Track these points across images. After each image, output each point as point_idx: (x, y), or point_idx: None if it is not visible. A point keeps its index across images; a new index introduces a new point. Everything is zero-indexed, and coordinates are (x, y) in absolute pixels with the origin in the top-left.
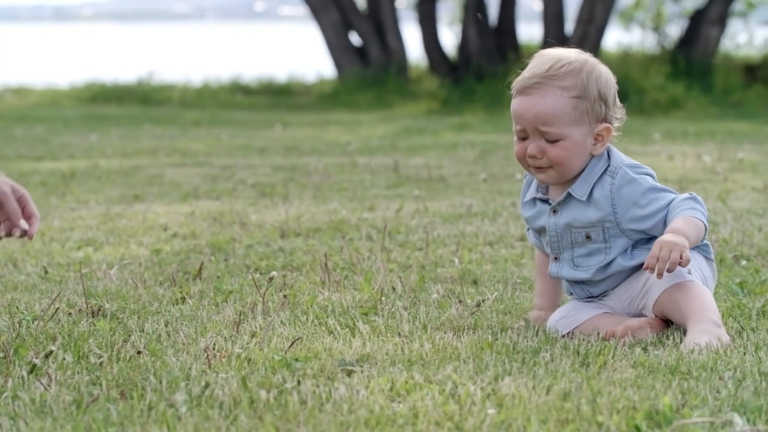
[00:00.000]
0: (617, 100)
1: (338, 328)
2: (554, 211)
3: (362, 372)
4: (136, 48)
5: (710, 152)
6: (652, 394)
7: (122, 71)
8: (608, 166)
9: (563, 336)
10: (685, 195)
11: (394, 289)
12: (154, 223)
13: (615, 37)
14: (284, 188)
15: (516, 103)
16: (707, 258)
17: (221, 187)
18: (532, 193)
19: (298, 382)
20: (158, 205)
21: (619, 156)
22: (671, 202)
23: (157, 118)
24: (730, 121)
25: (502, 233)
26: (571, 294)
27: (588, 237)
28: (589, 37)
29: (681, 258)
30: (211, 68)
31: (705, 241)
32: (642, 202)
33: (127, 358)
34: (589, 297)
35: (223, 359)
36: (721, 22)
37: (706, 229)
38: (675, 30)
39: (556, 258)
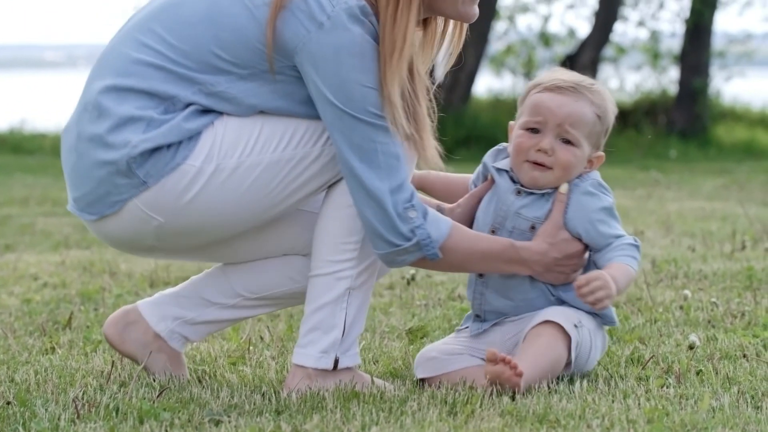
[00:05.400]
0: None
1: (206, 377)
2: (518, 192)
3: (230, 422)
4: (7, 96)
5: None
6: None
7: None
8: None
9: (420, 379)
10: (631, 240)
11: (262, 338)
12: (25, 272)
13: (485, 84)
14: None
15: (547, 97)
16: (602, 326)
17: (91, 236)
18: (506, 165)
19: None
20: (29, 255)
21: (596, 173)
22: (617, 237)
23: (29, 167)
24: (602, 167)
25: None
26: (471, 303)
27: (533, 228)
28: (459, 83)
29: (602, 302)
30: None
31: (610, 315)
32: (593, 217)
33: None
34: (480, 319)
35: (92, 409)
36: (593, 67)
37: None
38: None
39: (493, 232)
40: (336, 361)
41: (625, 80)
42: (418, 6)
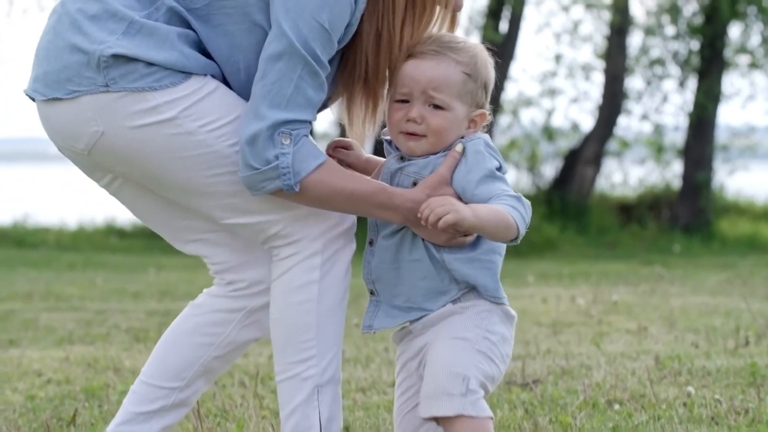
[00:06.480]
0: (489, 97)
1: None
2: (402, 158)
3: None
4: (10, 190)
5: (584, 294)
6: None
7: None
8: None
9: None
10: (513, 193)
11: None
12: (29, 368)
13: None
14: (158, 333)
15: (410, 66)
16: (505, 314)
17: (95, 332)
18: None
19: None
20: (33, 350)
21: (485, 134)
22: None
23: (32, 261)
24: (605, 262)
25: (374, 379)
26: (362, 274)
27: (414, 184)
28: None
29: (444, 219)
30: (86, 211)
31: (490, 287)
32: (473, 177)
33: None
34: (374, 296)
35: None
36: (596, 161)
37: (518, 232)
38: (550, 170)
39: None
40: None
41: (628, 174)
42: None
